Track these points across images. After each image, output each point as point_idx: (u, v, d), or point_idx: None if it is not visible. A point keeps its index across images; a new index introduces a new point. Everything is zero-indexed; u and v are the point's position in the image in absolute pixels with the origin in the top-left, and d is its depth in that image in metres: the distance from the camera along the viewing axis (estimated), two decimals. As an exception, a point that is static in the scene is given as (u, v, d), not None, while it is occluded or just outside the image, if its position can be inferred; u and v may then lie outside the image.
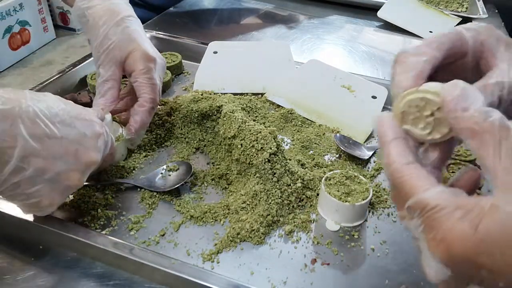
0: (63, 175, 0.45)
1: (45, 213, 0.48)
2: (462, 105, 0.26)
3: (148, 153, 0.64)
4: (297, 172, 0.58)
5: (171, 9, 1.15)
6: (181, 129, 0.67)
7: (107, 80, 0.60)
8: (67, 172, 0.45)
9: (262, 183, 0.55)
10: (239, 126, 0.58)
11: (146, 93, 0.61)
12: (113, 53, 0.60)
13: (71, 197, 0.56)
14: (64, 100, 0.48)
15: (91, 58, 0.82)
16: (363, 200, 0.53)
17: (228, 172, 0.60)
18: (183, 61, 0.86)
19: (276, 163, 0.55)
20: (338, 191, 0.54)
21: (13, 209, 0.51)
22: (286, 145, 0.68)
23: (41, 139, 0.43)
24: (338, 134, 0.68)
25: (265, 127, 0.58)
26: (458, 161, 0.63)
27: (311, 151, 0.66)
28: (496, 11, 1.23)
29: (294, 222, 0.54)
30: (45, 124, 0.43)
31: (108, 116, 0.57)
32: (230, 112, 0.61)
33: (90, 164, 0.48)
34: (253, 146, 0.56)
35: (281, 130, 0.71)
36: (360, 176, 0.56)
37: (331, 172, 0.57)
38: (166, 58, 0.84)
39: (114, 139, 0.55)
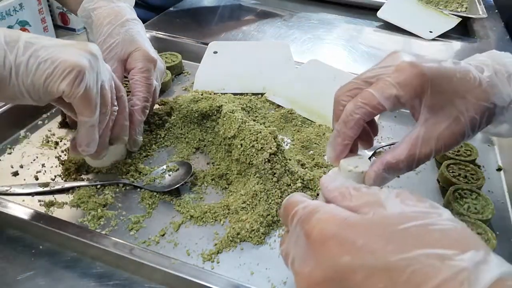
0: (70, 45, 0.48)
1: (81, 85, 0.46)
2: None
3: (148, 153, 0.64)
4: (297, 172, 0.58)
5: (171, 9, 1.15)
6: (181, 129, 0.67)
7: None
8: (73, 45, 0.48)
9: (262, 183, 0.55)
10: (239, 126, 0.58)
11: (140, 92, 0.61)
12: (115, 51, 0.63)
13: (71, 197, 0.56)
14: None
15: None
16: (363, 200, 0.53)
17: (228, 172, 0.60)
18: (183, 61, 0.86)
19: (276, 163, 0.55)
20: (338, 191, 0.54)
21: (13, 209, 0.51)
22: (286, 145, 0.68)
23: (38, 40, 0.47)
24: (338, 134, 0.67)
25: (265, 127, 0.58)
26: (458, 161, 0.63)
27: (311, 151, 0.66)
28: (496, 11, 1.23)
29: (294, 222, 0.54)
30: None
31: None
32: (230, 112, 0.61)
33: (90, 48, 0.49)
34: (253, 146, 0.56)
35: (281, 130, 0.71)
36: (360, 176, 0.56)
37: (331, 172, 0.57)
38: (166, 58, 0.84)
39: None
